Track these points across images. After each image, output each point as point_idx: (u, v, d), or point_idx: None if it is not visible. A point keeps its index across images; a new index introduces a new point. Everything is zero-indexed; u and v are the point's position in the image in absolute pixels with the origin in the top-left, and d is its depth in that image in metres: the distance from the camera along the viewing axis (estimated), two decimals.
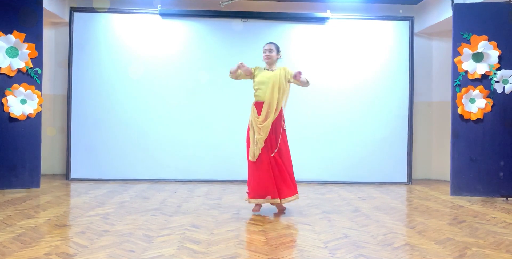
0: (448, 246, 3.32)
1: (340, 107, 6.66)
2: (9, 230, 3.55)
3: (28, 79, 5.32)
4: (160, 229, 3.70)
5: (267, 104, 4.30)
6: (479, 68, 5.27)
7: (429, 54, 7.09)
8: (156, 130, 6.55)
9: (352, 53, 6.71)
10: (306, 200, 5.15)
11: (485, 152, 5.27)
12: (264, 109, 4.30)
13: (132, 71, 6.54)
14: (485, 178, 5.26)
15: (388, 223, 4.05)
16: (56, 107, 6.78)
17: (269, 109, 4.29)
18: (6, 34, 5.18)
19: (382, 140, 6.65)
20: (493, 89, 5.27)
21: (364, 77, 6.69)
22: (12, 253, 2.97)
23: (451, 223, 4.11)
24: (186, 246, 3.20)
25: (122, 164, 6.48)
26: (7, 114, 5.22)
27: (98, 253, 2.99)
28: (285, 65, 4.51)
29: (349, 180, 6.59)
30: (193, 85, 6.59)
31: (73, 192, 5.56)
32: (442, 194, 5.75)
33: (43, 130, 5.62)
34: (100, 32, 6.56)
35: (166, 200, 5.01)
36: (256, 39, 6.38)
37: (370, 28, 6.74)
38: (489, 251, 3.20)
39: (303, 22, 6.70)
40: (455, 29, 5.35)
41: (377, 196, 5.54)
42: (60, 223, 3.85)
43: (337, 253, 3.10)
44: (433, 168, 7.12)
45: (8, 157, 5.23)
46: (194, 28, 6.65)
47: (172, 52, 6.61)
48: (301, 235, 3.59)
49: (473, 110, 5.29)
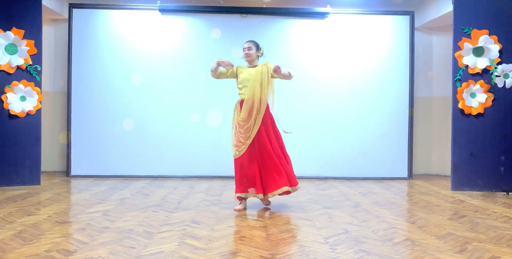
0: (449, 241, 3.32)
1: (340, 102, 6.65)
2: (10, 227, 3.56)
3: (27, 76, 5.31)
4: (160, 225, 3.70)
5: (251, 100, 4.28)
6: (479, 63, 5.25)
7: (430, 48, 7.07)
8: (156, 127, 6.55)
9: (353, 48, 6.68)
10: (306, 196, 5.15)
11: (485, 146, 5.26)
12: (247, 106, 4.28)
13: (131, 67, 6.53)
14: (486, 173, 5.25)
15: (389, 218, 4.05)
16: (55, 104, 6.78)
17: (253, 105, 4.27)
18: (5, 31, 5.16)
19: (382, 135, 6.64)
20: (493, 83, 5.26)
21: (364, 72, 6.67)
22: (12, 250, 2.97)
23: (452, 218, 4.11)
24: (186, 242, 3.20)
25: (122, 161, 6.48)
26: (7, 111, 5.21)
27: (98, 250, 2.99)
28: (285, 60, 4.50)
29: (350, 176, 6.59)
30: (193, 81, 6.57)
31: (73, 189, 5.56)
32: (443, 189, 5.75)
33: (43, 127, 5.61)
34: (100, 28, 6.54)
35: (167, 197, 5.01)
36: (256, 35, 6.33)
37: (370, 23, 6.71)
38: (490, 245, 3.20)
39: (303, 17, 6.67)
40: (455, 24, 5.33)
41: (377, 191, 5.54)
42: (61, 220, 3.85)
43: (338, 248, 3.10)
44: (433, 163, 7.12)
45: (8, 154, 5.23)
46: (193, 23, 6.63)
47: (172, 48, 6.59)
48: (301, 231, 3.59)
49: (474, 105, 5.27)
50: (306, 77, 6.60)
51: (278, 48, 6.57)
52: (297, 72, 6.56)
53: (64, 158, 6.65)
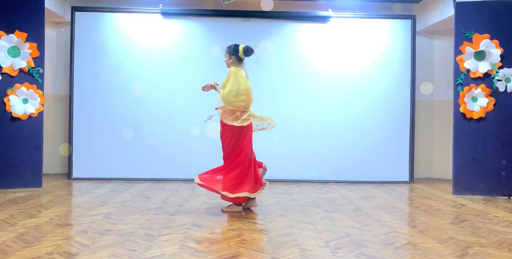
0: (450, 245, 3.31)
1: (342, 106, 6.65)
2: (12, 230, 3.56)
3: (30, 79, 5.33)
4: (161, 228, 3.71)
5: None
6: (481, 67, 5.26)
7: (431, 52, 7.08)
8: (158, 129, 6.55)
9: (354, 52, 6.69)
10: (307, 199, 5.15)
11: (487, 151, 5.26)
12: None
13: (134, 70, 6.55)
14: (487, 177, 5.25)
15: (390, 222, 4.04)
16: (58, 106, 6.79)
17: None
18: (8, 33, 5.19)
19: (384, 139, 6.64)
20: (495, 87, 5.26)
21: (366, 76, 6.68)
22: (14, 252, 2.97)
23: (453, 222, 4.10)
24: (187, 245, 3.20)
25: (124, 164, 6.48)
26: (9, 114, 5.23)
27: (100, 252, 2.99)
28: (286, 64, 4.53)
29: (351, 179, 6.58)
30: (194, 84, 6.55)
31: (75, 191, 5.56)
32: (444, 193, 5.74)
33: (45, 130, 5.62)
34: (102, 31, 6.56)
35: (168, 199, 5.02)
36: (258, 38, 6.39)
37: (372, 27, 6.72)
38: (491, 250, 3.20)
39: (305, 21, 6.68)
40: (457, 28, 5.34)
41: (378, 195, 5.54)
42: (62, 222, 3.86)
43: (339, 252, 3.10)
44: (435, 167, 7.11)
45: (10, 157, 5.24)
46: (195, 27, 6.65)
47: (174, 52, 6.61)
48: (302, 234, 3.59)
49: (475, 109, 5.28)
50: (308, 80, 6.62)
51: (280, 52, 6.59)
52: (299, 76, 6.65)
53: (65, 161, 6.66)
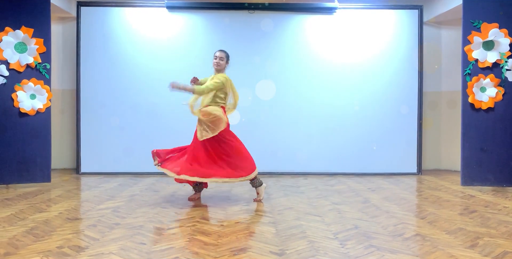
0: (460, 236, 3.30)
1: (349, 97, 6.62)
2: (22, 224, 3.60)
3: (37, 74, 5.34)
4: (170, 221, 3.72)
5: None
6: (489, 56, 5.20)
7: (438, 43, 7.01)
8: (165, 124, 6.55)
9: (361, 43, 6.64)
10: (315, 191, 5.14)
11: (496, 141, 5.22)
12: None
13: (139, 64, 6.55)
14: (496, 168, 5.22)
15: (398, 214, 4.03)
16: (65, 102, 6.82)
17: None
18: (14, 29, 5.20)
19: (391, 130, 6.61)
20: (504, 77, 5.21)
21: (373, 67, 6.63)
22: (25, 246, 3.00)
23: (462, 213, 4.09)
24: (196, 238, 3.21)
25: (131, 158, 6.50)
26: (17, 109, 5.25)
27: (109, 246, 3.01)
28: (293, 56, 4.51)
29: (358, 171, 6.57)
30: (200, 78, 6.56)
31: (83, 186, 5.60)
32: (453, 184, 5.71)
33: (52, 125, 5.65)
34: (107, 26, 6.56)
35: (176, 193, 5.04)
36: (263, 31, 6.36)
37: (378, 18, 6.66)
38: (501, 240, 3.18)
39: (311, 13, 6.63)
40: (465, 17, 5.28)
41: (386, 187, 5.52)
42: (72, 217, 3.88)
43: (348, 244, 3.10)
44: (443, 158, 7.07)
45: (19, 152, 5.28)
46: (200, 20, 6.62)
47: (180, 45, 6.59)
48: (311, 226, 3.59)
49: (484, 99, 5.23)
50: (315, 73, 6.58)
51: (286, 43, 6.56)
52: (305, 68, 6.62)
53: (74, 156, 6.70)
